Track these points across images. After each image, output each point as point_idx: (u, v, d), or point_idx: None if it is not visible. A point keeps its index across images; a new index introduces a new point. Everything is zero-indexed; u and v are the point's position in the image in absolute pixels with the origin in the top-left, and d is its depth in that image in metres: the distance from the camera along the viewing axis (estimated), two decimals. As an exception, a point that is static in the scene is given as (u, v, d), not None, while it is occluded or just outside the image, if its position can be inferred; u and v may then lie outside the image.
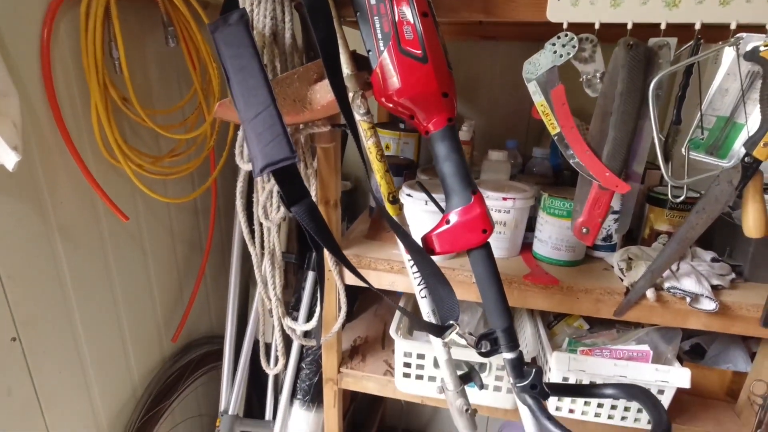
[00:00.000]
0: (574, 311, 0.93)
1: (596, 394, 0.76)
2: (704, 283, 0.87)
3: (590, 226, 0.82)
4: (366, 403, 1.84)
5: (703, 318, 0.89)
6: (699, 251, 0.98)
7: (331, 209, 0.96)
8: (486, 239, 0.71)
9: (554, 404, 1.00)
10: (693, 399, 1.08)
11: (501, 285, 0.73)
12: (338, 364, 1.13)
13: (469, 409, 0.81)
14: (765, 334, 0.87)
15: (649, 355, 0.92)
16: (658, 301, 0.89)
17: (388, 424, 1.92)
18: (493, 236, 1.00)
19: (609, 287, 0.91)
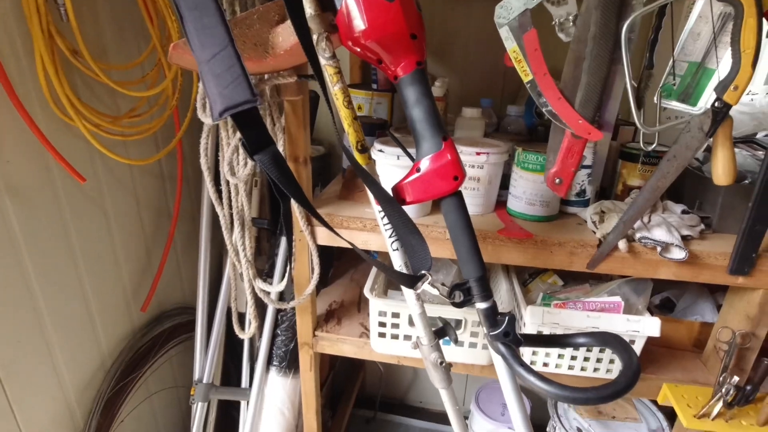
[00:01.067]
0: (548, 265, 0.93)
1: (570, 344, 0.76)
2: (675, 233, 0.87)
3: (563, 176, 0.81)
4: (345, 372, 1.85)
5: (673, 268, 0.90)
6: (670, 204, 0.99)
7: (300, 167, 0.93)
8: (458, 186, 0.69)
9: (529, 359, 1.01)
10: (662, 350, 1.10)
11: (473, 234, 0.71)
12: (313, 327, 1.11)
13: (444, 362, 0.81)
14: (731, 281, 0.89)
15: (621, 306, 0.93)
16: (630, 252, 0.89)
17: (368, 392, 1.93)
18: (467, 192, 1.00)
19: (582, 240, 0.91)
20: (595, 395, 0.63)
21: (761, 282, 0.88)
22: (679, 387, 0.98)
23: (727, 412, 0.91)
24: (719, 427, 0.90)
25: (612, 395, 0.63)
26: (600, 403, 0.62)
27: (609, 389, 0.63)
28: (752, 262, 0.86)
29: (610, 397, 0.63)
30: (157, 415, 1.31)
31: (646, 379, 1.03)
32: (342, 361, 1.79)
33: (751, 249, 0.84)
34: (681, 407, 0.93)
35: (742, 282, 0.89)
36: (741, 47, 0.69)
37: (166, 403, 1.35)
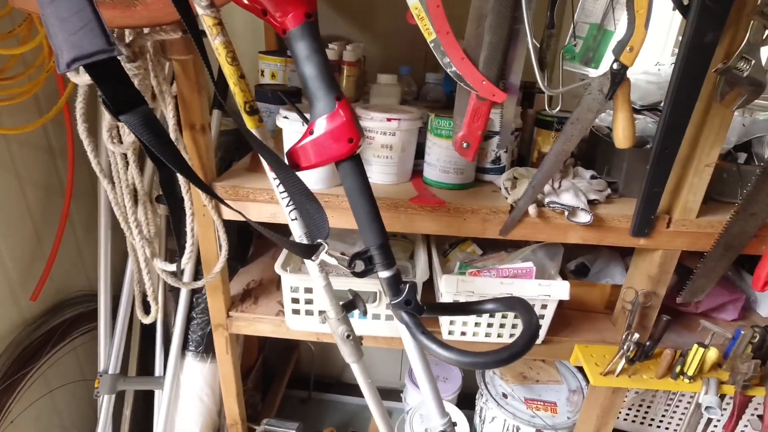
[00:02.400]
0: (462, 233, 0.92)
1: (475, 310, 0.75)
2: (581, 198, 0.88)
3: (470, 140, 0.80)
4: (277, 354, 1.80)
5: (580, 231, 0.91)
6: (580, 170, 1.00)
7: (198, 134, 0.86)
8: (353, 149, 0.65)
9: (447, 328, 1.01)
10: (577, 314, 1.13)
11: (373, 200, 0.68)
12: (227, 308, 1.05)
13: (351, 335, 0.78)
14: (634, 243, 0.91)
15: (533, 271, 0.93)
16: (540, 217, 0.90)
17: (303, 373, 1.90)
18: (380, 161, 0.96)
19: (495, 207, 0.90)
20: (492, 358, 0.62)
21: (660, 243, 0.91)
22: (588, 347, 1.01)
23: (630, 367, 0.95)
24: (623, 382, 0.94)
25: (509, 357, 0.62)
26: (498, 365, 0.61)
27: (506, 352, 0.62)
28: (651, 224, 0.88)
29: (507, 360, 0.62)
30: (61, 412, 1.21)
31: (560, 341, 1.05)
32: (273, 342, 1.74)
33: (650, 211, 0.87)
34: (589, 366, 0.96)
35: (644, 243, 0.91)
36: (635, 8, 0.69)
37: (73, 398, 1.25)
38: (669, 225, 0.90)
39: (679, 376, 0.94)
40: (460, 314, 0.91)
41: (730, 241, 0.88)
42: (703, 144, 0.82)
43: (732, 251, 0.89)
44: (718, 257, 0.90)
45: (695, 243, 0.91)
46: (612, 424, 1.12)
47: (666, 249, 0.92)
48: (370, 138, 0.94)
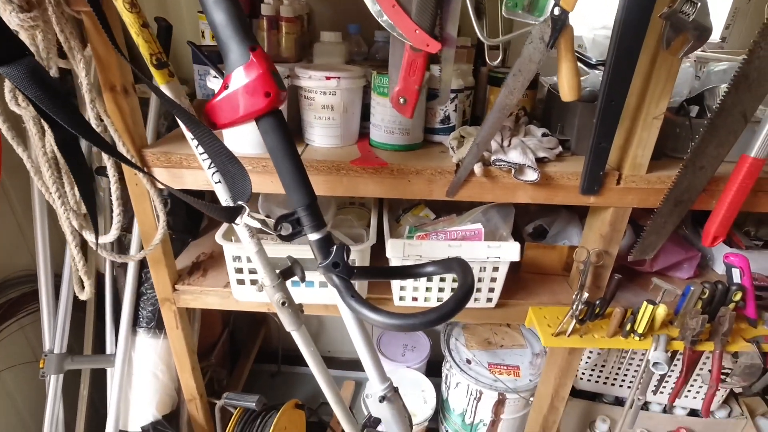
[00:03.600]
0: (407, 195, 0.89)
1: (414, 274, 0.73)
2: (529, 155, 0.85)
3: (407, 94, 0.75)
4: (245, 328, 1.78)
5: (529, 190, 0.88)
6: (532, 128, 0.97)
7: (120, 97, 0.80)
8: (272, 104, 0.60)
9: (398, 294, 0.98)
10: (534, 276, 1.12)
11: (297, 159, 0.64)
12: (172, 281, 1.02)
13: (287, 302, 0.75)
14: (584, 201, 0.89)
15: (481, 232, 0.91)
16: (487, 177, 0.87)
17: (273, 347, 1.88)
18: (322, 122, 0.92)
19: (439, 167, 0.86)
20: (421, 320, 0.59)
21: (611, 200, 0.89)
22: (542, 309, 1.00)
23: (581, 327, 0.94)
24: (574, 342, 0.93)
25: (438, 318, 0.60)
26: (427, 326, 0.59)
27: (435, 313, 0.60)
28: (600, 181, 0.86)
29: (436, 320, 0.60)
30: (12, 394, 1.17)
31: (515, 305, 1.04)
32: (240, 317, 1.72)
33: (599, 167, 0.84)
34: (542, 328, 0.95)
35: (594, 201, 0.89)
36: (574, -55, 0.65)
37: (25, 379, 1.21)
38: (619, 182, 0.87)
39: (630, 335, 0.93)
40: (395, 278, 0.88)
41: (679, 196, 0.86)
42: (651, 95, 0.79)
43: (681, 207, 0.88)
44: (667, 213, 0.88)
45: (646, 200, 0.89)
46: (570, 385, 1.13)
47: (617, 207, 0.90)
48: (309, 98, 0.89)
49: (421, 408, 1.42)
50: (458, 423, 1.44)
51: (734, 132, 0.80)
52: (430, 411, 1.41)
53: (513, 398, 1.31)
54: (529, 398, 1.32)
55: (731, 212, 0.85)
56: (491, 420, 1.36)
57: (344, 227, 1.18)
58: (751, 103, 0.77)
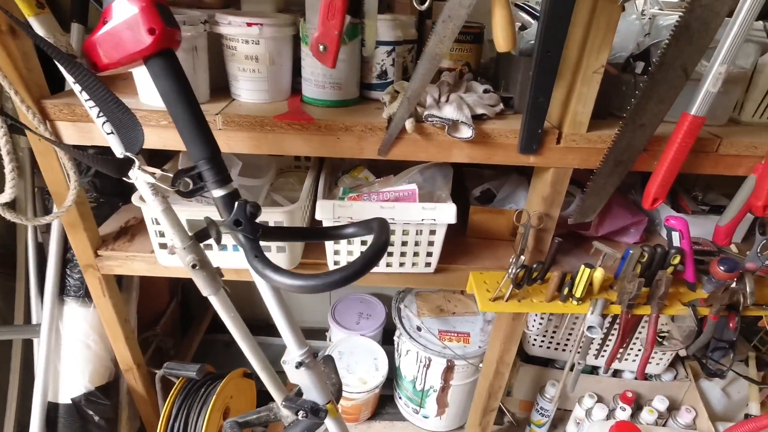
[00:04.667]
0: (336, 153, 0.83)
1: (334, 235, 0.69)
2: (465, 111, 0.81)
3: (327, 41, 0.69)
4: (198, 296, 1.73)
5: (466, 149, 0.84)
6: (475, 84, 0.92)
7: (7, 39, 0.71)
8: (158, 43, 0.54)
9: (332, 258, 0.94)
10: (480, 241, 1.09)
11: (195, 107, 0.58)
12: (94, 247, 0.96)
13: (198, 265, 0.70)
14: (523, 161, 0.85)
15: (415, 193, 0.87)
16: (421, 134, 0.82)
17: (230, 316, 1.84)
18: (246, 75, 0.85)
19: (370, 123, 0.81)
20: (324, 281, 0.56)
21: (551, 160, 0.86)
22: (483, 274, 0.97)
23: (520, 292, 0.92)
24: (512, 306, 0.91)
25: (344, 279, 0.56)
26: (332, 287, 0.55)
27: (339, 273, 0.56)
28: (539, 139, 0.82)
29: (341, 281, 0.56)
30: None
31: (456, 270, 1.01)
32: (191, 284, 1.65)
33: (536, 124, 0.80)
34: (480, 293, 0.93)
35: (534, 161, 0.86)
36: None
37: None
38: (559, 140, 0.84)
39: (569, 299, 0.91)
40: (310, 239, 0.83)
41: (619, 156, 0.83)
42: (590, 47, 0.74)
43: (622, 167, 0.85)
44: (607, 174, 0.85)
45: (587, 160, 0.86)
46: (514, 350, 1.12)
47: (557, 167, 0.87)
48: (231, 48, 0.82)
49: (373, 375, 1.41)
50: (410, 389, 1.44)
51: (675, 87, 0.76)
52: (381, 378, 1.40)
53: (462, 365, 1.30)
54: (478, 364, 1.31)
55: (671, 173, 0.82)
56: (441, 386, 1.36)
57: (285, 190, 1.13)
58: (692, 56, 0.73)
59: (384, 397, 1.58)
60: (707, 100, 0.76)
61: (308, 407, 0.70)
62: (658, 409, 1.40)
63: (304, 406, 0.70)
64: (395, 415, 1.57)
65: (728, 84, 0.87)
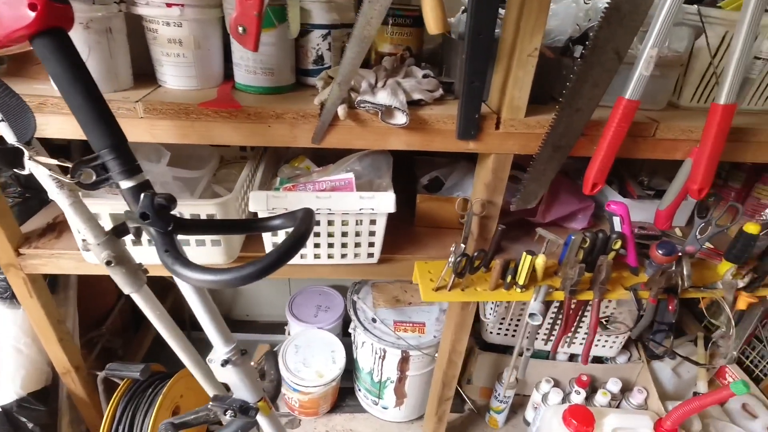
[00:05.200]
0: (269, 142, 0.80)
1: (258, 227, 0.66)
2: (400, 97, 0.78)
3: (245, 22, 0.65)
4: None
5: (403, 136, 0.82)
6: (414, 69, 0.90)
7: None
8: (42, 21, 0.49)
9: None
10: (428, 230, 1.08)
11: (92, 91, 0.54)
12: (14, 245, 0.90)
13: (113, 261, 0.66)
14: (462, 147, 0.84)
15: (352, 182, 0.84)
16: (355, 121, 0.79)
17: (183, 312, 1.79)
18: (171, 60, 0.80)
19: (302, 110, 0.78)
20: (236, 275, 0.53)
21: (491, 146, 0.84)
22: (427, 263, 0.96)
23: (464, 281, 0.91)
24: (455, 296, 0.90)
25: (258, 272, 0.53)
26: (246, 281, 0.52)
27: (254, 266, 0.53)
28: (477, 125, 0.80)
29: (255, 275, 0.53)
30: None
31: (403, 259, 1.00)
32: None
33: (473, 109, 0.78)
34: (423, 282, 0.91)
35: (473, 147, 0.84)
36: None
37: None
38: (498, 126, 0.82)
39: (512, 286, 0.91)
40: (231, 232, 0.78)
41: (557, 141, 0.82)
42: (524, 30, 0.73)
43: (561, 152, 0.84)
44: (546, 159, 0.84)
45: (527, 145, 0.85)
46: (465, 339, 1.11)
47: (498, 153, 0.85)
48: (152, 31, 0.77)
49: (330, 368, 1.39)
50: (368, 381, 1.42)
51: (609, 71, 0.76)
52: (338, 371, 1.38)
53: (417, 355, 1.29)
54: (434, 354, 1.31)
55: (609, 158, 0.82)
56: (398, 377, 1.35)
57: (229, 181, 1.08)
58: (623, 38, 0.73)
59: (344, 389, 1.56)
60: (641, 83, 0.75)
61: (237, 406, 0.67)
62: (612, 391, 1.42)
63: (232, 405, 0.67)
64: (356, 407, 1.55)
65: (664, 68, 0.88)
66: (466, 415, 1.58)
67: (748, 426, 1.35)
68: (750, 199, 1.13)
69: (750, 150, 0.90)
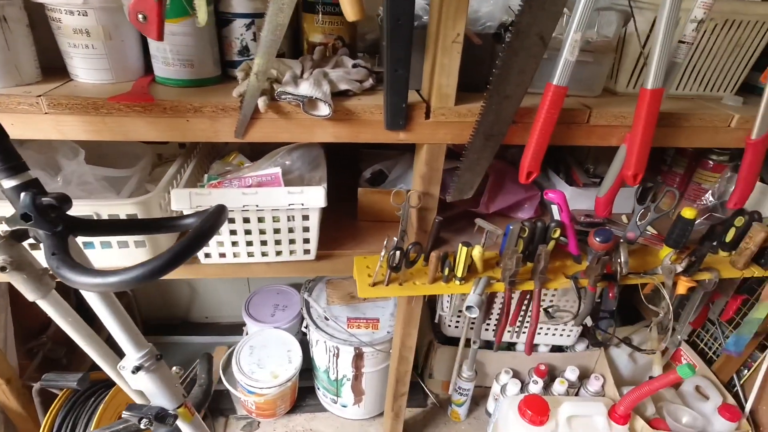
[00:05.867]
0: (188, 138, 0.76)
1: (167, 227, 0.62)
2: (324, 87, 0.75)
3: (145, 9, 0.62)
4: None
5: (330, 128, 0.79)
6: (345, 59, 0.87)
7: None
8: None
9: (204, 250, 0.88)
10: (372, 224, 1.06)
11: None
12: (-76, 252, 0.84)
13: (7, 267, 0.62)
14: (393, 138, 0.81)
15: (279, 177, 0.81)
16: (278, 113, 0.76)
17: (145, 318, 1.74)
18: (79, 52, 0.75)
19: (221, 103, 0.74)
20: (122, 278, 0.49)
21: (422, 136, 0.82)
22: (366, 258, 0.94)
23: (402, 275, 0.89)
24: (393, 290, 0.88)
25: (148, 274, 0.50)
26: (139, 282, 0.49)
27: (144, 267, 0.50)
28: (404, 114, 0.78)
29: (145, 276, 0.50)
30: None
31: (343, 255, 0.97)
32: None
33: (399, 98, 0.76)
34: (361, 278, 0.89)
35: (404, 137, 0.82)
36: None
37: None
38: (428, 115, 0.80)
39: (452, 279, 0.89)
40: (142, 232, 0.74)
41: (489, 129, 0.80)
42: (446, 16, 0.71)
43: (493, 141, 0.82)
44: (479, 148, 0.82)
45: (460, 135, 0.83)
46: (415, 334, 1.09)
47: (430, 143, 0.84)
48: (56, 20, 0.73)
49: (285, 368, 1.36)
50: (325, 380, 1.40)
51: (534, 56, 0.74)
52: (294, 370, 1.35)
53: (371, 352, 1.27)
54: (389, 350, 1.29)
55: (541, 145, 0.81)
56: (353, 374, 1.33)
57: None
58: (546, 22, 0.71)
59: (305, 388, 1.54)
60: (567, 68, 0.74)
61: (152, 414, 0.64)
62: (569, 379, 1.43)
63: (147, 414, 0.64)
64: (316, 406, 1.53)
65: (596, 54, 0.87)
66: (429, 409, 1.57)
67: (700, 407, 1.37)
68: (692, 185, 1.14)
69: (683, 135, 0.90)
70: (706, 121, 0.89)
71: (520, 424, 1.21)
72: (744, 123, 0.89)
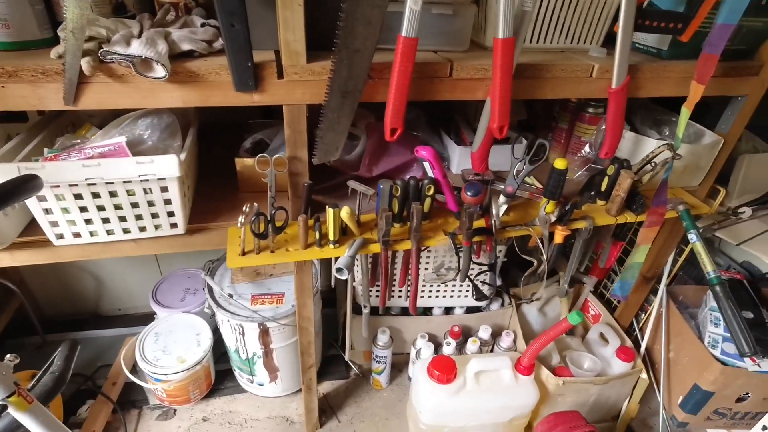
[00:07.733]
0: (7, 106, 0.70)
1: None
2: (158, 47, 0.70)
3: None
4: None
5: (176, 92, 0.74)
6: (195, 19, 0.82)
7: None
8: None
9: (52, 231, 0.82)
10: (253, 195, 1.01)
11: None
12: None
13: None
14: (246, 100, 0.78)
15: (123, 146, 0.76)
16: (111, 77, 0.70)
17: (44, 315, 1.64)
18: None
19: (41, 66, 0.68)
20: None
21: (277, 96, 0.79)
22: (239, 229, 0.90)
23: (274, 243, 0.87)
24: (264, 258, 0.86)
25: None
26: None
27: None
28: (252, 74, 0.74)
29: None
30: None
31: (218, 227, 0.94)
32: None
33: (243, 57, 0.72)
34: (232, 248, 0.86)
35: (258, 99, 0.78)
36: None
37: None
38: (281, 75, 0.77)
39: (326, 244, 0.88)
40: None
41: (344, 86, 0.78)
42: (279, -38, 0.67)
43: (351, 98, 0.80)
44: (337, 107, 0.80)
45: (318, 94, 0.80)
46: (309, 304, 1.07)
47: (288, 104, 0.81)
48: None
49: (194, 352, 1.32)
50: (237, 359, 1.37)
51: (378, 6, 0.72)
52: (202, 353, 1.32)
53: (276, 327, 1.25)
54: (295, 324, 1.27)
55: (400, 100, 0.79)
56: (263, 351, 1.31)
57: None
58: (384, -31, 0.69)
59: (223, 371, 1.51)
60: (414, 18, 0.73)
61: (-24, 405, 0.59)
62: (483, 337, 1.47)
63: (-30, 406, 0.59)
64: (235, 388, 1.50)
65: (455, 5, 0.86)
66: (351, 380, 1.58)
67: (602, 352, 1.44)
68: (573, 138, 1.17)
69: (548, 86, 0.91)
70: (569, 72, 0.91)
71: (430, 385, 1.23)
72: (604, 73, 0.91)
